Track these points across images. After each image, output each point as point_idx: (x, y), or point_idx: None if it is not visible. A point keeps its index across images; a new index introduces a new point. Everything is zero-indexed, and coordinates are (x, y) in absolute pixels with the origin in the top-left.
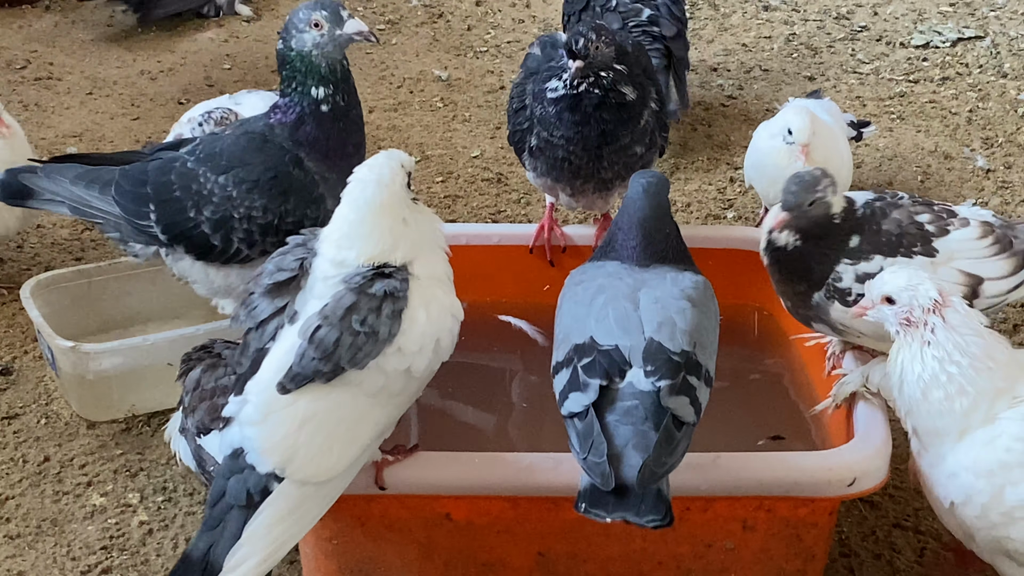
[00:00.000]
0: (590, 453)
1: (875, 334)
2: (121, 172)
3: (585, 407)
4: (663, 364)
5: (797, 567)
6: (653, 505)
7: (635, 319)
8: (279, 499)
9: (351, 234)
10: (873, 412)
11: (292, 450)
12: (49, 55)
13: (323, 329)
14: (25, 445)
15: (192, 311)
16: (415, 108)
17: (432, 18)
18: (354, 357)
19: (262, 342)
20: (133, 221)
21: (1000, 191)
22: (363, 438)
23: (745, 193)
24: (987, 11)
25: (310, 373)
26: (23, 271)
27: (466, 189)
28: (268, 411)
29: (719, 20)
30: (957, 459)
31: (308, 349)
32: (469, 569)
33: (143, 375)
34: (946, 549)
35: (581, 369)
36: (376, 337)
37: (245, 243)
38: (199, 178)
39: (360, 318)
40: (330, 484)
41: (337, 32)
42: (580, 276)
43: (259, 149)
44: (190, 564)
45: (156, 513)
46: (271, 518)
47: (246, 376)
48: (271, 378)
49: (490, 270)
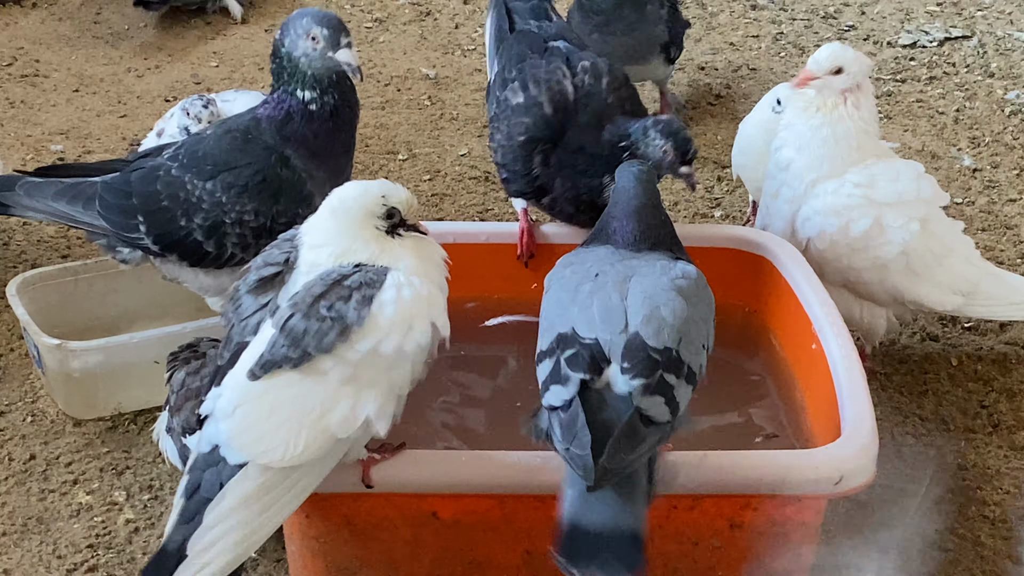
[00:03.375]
0: (572, 444)
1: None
2: (103, 185)
3: (565, 401)
4: (641, 362)
5: (784, 566)
6: (628, 553)
7: (620, 311)
8: (243, 481)
9: (331, 239)
10: (860, 411)
11: (258, 435)
12: (35, 52)
13: (294, 317)
14: (11, 443)
15: (179, 308)
16: (402, 106)
17: (420, 16)
18: (321, 343)
19: (243, 336)
20: (122, 234)
21: (987, 190)
22: (333, 427)
23: (732, 192)
24: (974, 11)
25: (279, 359)
26: (9, 268)
27: (453, 187)
28: (240, 402)
29: (707, 19)
30: (811, 205)
31: (279, 337)
32: (456, 567)
33: (129, 373)
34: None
35: (564, 362)
36: (343, 321)
37: (239, 247)
38: (186, 185)
39: (328, 304)
40: (297, 471)
41: (329, 54)
42: (570, 259)
43: (242, 150)
44: (166, 556)
45: (142, 511)
46: (236, 501)
47: (225, 369)
48: (244, 369)
49: (478, 268)
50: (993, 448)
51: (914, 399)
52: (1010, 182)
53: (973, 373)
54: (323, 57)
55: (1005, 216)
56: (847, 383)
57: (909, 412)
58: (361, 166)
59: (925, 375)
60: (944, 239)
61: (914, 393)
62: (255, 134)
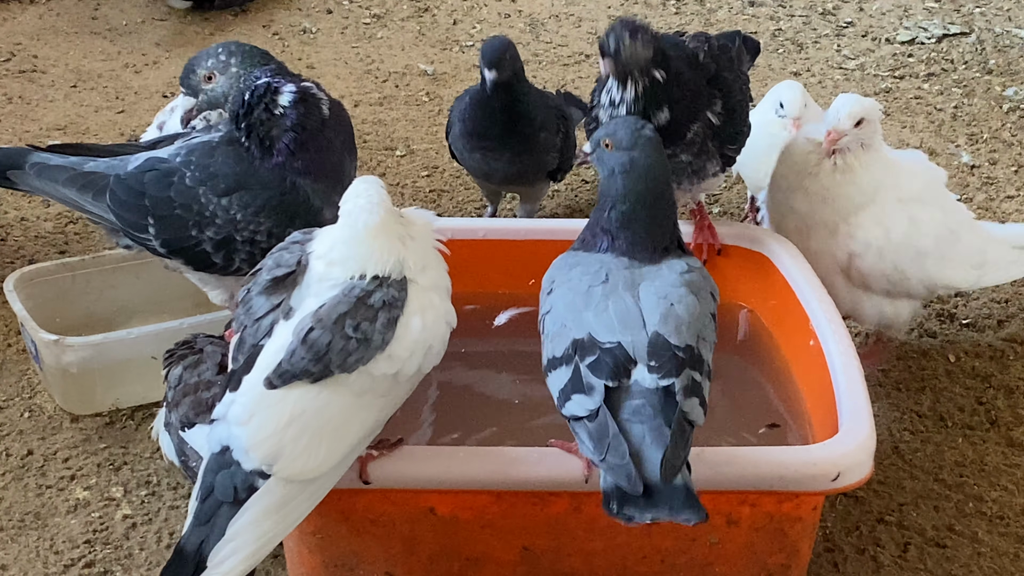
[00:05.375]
0: (608, 454)
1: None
2: (115, 180)
3: (591, 411)
4: (668, 360)
5: (781, 561)
6: (685, 502)
7: (636, 312)
8: (265, 496)
9: (348, 256)
10: (857, 407)
11: (278, 448)
12: (33, 48)
13: (316, 331)
14: (8, 439)
15: (176, 304)
16: (400, 102)
17: (418, 12)
18: (344, 362)
19: (257, 338)
20: (131, 232)
21: (984, 187)
22: (350, 438)
23: (731, 188)
24: (972, 7)
25: (298, 372)
26: (6, 264)
27: (451, 184)
28: (255, 409)
29: (705, 15)
30: (851, 229)
31: (299, 349)
32: (453, 563)
33: (127, 369)
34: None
35: (586, 369)
36: (369, 344)
37: (247, 263)
38: (200, 198)
39: (354, 323)
40: (317, 482)
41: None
42: (573, 259)
43: (255, 171)
44: (183, 559)
45: (140, 507)
46: (257, 514)
47: (241, 372)
48: (262, 376)
49: (476, 264)
50: (991, 445)
51: (912, 396)
52: (1008, 179)
53: (971, 370)
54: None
55: (1003, 212)
56: (845, 380)
57: (906, 409)
58: (359, 162)
59: (923, 372)
60: (955, 215)
61: (912, 390)
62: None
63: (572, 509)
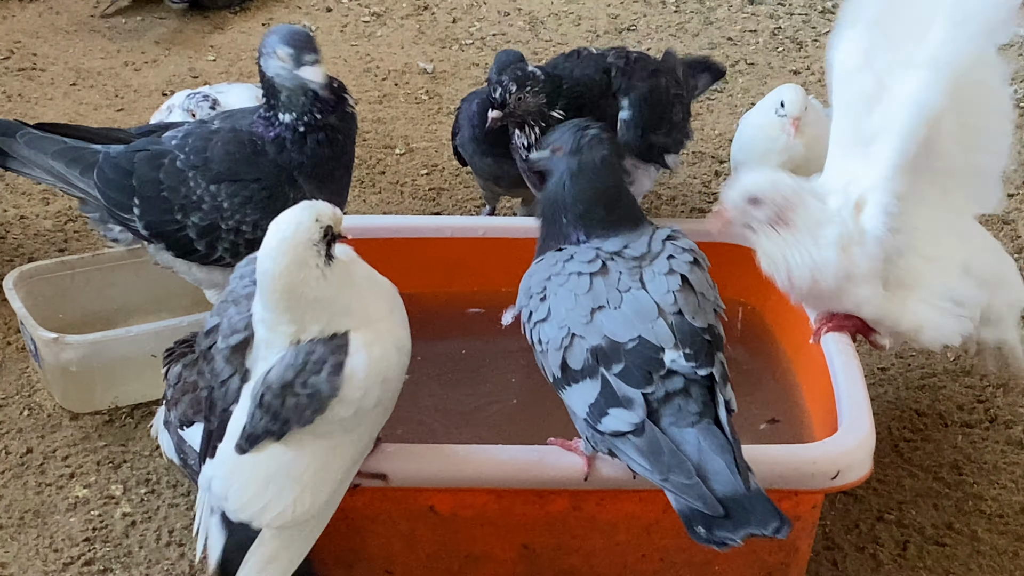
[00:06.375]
0: (672, 473)
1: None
2: (105, 157)
3: (636, 424)
4: (700, 347)
5: (780, 560)
6: (766, 508)
7: (646, 297)
8: (262, 547)
9: (279, 320)
10: (857, 405)
11: (263, 505)
12: (33, 45)
13: (267, 395)
14: (8, 437)
15: (175, 302)
16: (400, 100)
17: (417, 10)
18: (301, 416)
19: (227, 403)
20: (115, 211)
21: None
22: (333, 477)
23: None
24: None
25: (260, 433)
26: (5, 262)
27: (451, 182)
28: (234, 476)
29: (704, 14)
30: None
31: (257, 412)
32: (453, 561)
33: (126, 367)
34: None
35: (616, 379)
36: (319, 395)
37: (229, 252)
38: (188, 182)
39: (302, 381)
40: (311, 521)
41: (295, 72)
42: (561, 256)
43: (252, 162)
44: None
45: (139, 505)
46: (259, 563)
47: (215, 440)
48: (232, 443)
49: (475, 262)
50: (990, 443)
51: (911, 394)
52: (1008, 178)
53: (970, 367)
54: (291, 75)
55: (1003, 211)
56: (844, 378)
57: (906, 407)
58: (359, 160)
59: (922, 370)
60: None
61: (911, 388)
62: (261, 147)
63: (572, 507)
